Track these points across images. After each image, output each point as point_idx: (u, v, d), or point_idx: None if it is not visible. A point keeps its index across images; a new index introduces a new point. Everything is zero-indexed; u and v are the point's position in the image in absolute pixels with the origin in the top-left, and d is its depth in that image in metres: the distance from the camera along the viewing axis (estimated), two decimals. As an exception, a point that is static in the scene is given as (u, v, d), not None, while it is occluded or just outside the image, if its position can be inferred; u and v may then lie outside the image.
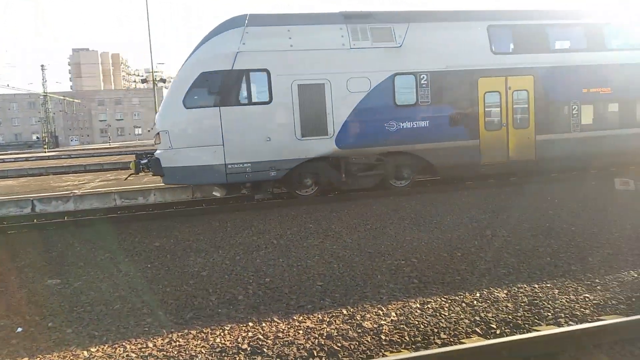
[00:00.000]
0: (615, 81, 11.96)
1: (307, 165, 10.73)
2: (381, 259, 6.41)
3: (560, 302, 4.69)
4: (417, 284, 5.42)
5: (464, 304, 4.77)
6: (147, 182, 14.21)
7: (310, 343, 4.07)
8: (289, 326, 4.45)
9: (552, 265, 5.80)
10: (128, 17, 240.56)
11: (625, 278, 5.24)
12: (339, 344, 4.03)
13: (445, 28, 11.33)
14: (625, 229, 7.20)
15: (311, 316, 4.66)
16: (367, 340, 4.09)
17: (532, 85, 11.53)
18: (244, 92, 10.22)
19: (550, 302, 4.69)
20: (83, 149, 59.72)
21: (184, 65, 10.38)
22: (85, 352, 4.10)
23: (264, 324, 4.51)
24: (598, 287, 5.01)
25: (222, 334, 4.34)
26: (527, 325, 4.24)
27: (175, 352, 4.02)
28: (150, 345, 4.17)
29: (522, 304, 4.69)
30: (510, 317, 4.43)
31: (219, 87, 10.07)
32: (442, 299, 4.94)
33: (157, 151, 10.51)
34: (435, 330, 4.24)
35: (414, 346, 3.98)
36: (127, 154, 34.60)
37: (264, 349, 3.99)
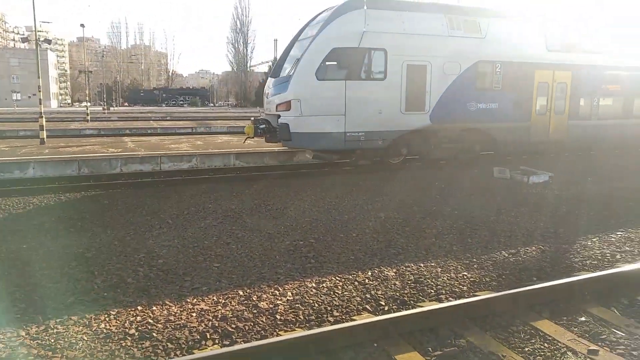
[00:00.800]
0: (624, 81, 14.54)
1: (406, 136, 11.86)
2: (280, 240, 6.45)
3: (442, 279, 5.08)
4: (314, 264, 5.54)
5: (356, 283, 4.97)
6: (24, 153, 12.87)
7: (204, 326, 4.00)
8: (181, 309, 4.32)
9: (436, 246, 6.25)
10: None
11: (497, 257, 5.81)
12: (234, 326, 4.00)
13: (515, 25, 13.03)
14: (500, 213, 7.97)
15: (206, 298, 4.57)
16: (263, 321, 4.11)
17: (570, 79, 13.72)
18: (365, 68, 11.26)
19: (433, 280, 5.06)
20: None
21: (315, 40, 10.99)
22: (-58, 344, 3.64)
23: (154, 308, 4.33)
24: (475, 266, 5.51)
25: (107, 319, 4.10)
26: (412, 302, 4.54)
27: (53, 341, 3.71)
28: (23, 333, 3.81)
29: (409, 282, 5.01)
30: (398, 294, 4.71)
31: (346, 62, 11.04)
32: (337, 278, 5.10)
33: (286, 117, 11.07)
34: (329, 308, 4.38)
35: (308, 324, 4.08)
36: None
37: (154, 334, 3.84)
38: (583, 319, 4.16)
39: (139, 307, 4.33)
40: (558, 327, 4.00)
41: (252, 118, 12.73)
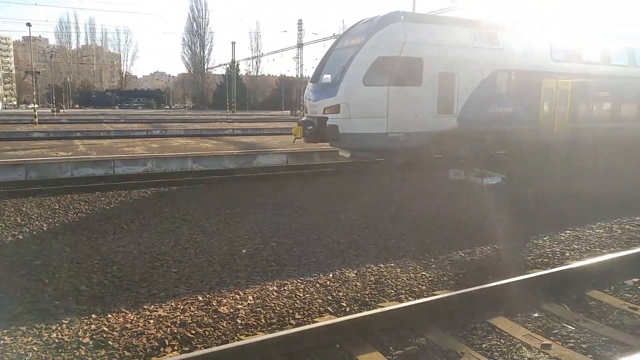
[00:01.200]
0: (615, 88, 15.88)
1: (437, 136, 12.71)
2: (240, 244, 6.37)
3: (402, 280, 5.16)
4: (275, 267, 5.50)
5: (318, 285, 4.98)
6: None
7: (162, 332, 3.89)
8: (138, 316, 4.19)
9: (395, 247, 6.34)
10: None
11: (454, 257, 5.95)
12: (193, 331, 3.92)
13: (525, 38, 14.27)
14: (456, 213, 8.18)
15: (164, 304, 4.44)
16: (223, 326, 4.04)
17: (570, 86, 14.97)
18: (404, 75, 12.16)
19: (393, 280, 5.13)
20: None
21: (361, 50, 11.87)
22: None
23: (109, 316, 4.17)
24: (433, 266, 5.62)
25: (59, 328, 3.92)
26: (373, 302, 4.58)
27: (0, 353, 3.51)
28: (-34, 346, 3.59)
29: (370, 283, 5.06)
30: (359, 295, 4.74)
31: (388, 70, 11.92)
32: (298, 280, 5.09)
33: (334, 119, 11.82)
34: (291, 311, 4.36)
35: (269, 328, 4.04)
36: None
37: (109, 342, 3.70)
38: (536, 315, 4.33)
39: (93, 315, 4.17)
40: (513, 324, 4.14)
41: (299, 120, 14.10)
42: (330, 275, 5.27)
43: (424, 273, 5.38)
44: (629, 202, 9.15)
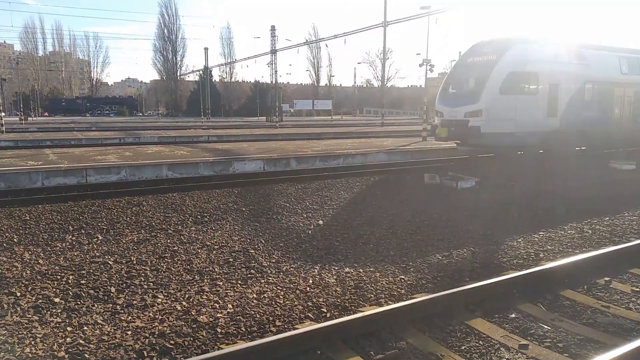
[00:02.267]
0: None
1: (546, 135, 15.62)
2: (219, 251, 6.31)
3: (381, 284, 5.20)
4: (255, 274, 5.47)
5: (298, 291, 4.97)
6: None
7: (140, 343, 3.82)
8: (115, 328, 4.10)
9: (374, 251, 6.39)
10: None
11: (432, 260, 6.03)
12: (172, 342, 3.86)
13: (603, 55, 17.35)
14: (432, 217, 8.29)
15: (141, 315, 4.37)
16: (203, 335, 4.00)
17: (633, 94, 18.40)
18: (526, 86, 15.36)
19: (372, 285, 5.16)
20: None
21: (496, 69, 14.85)
22: None
23: (85, 328, 4.07)
24: (411, 270, 5.68)
25: (32, 342, 3.80)
26: (353, 307, 4.60)
27: (-30, 370, 3.39)
28: None
29: (349, 288, 5.08)
30: (339, 300, 4.75)
31: (516, 82, 15.02)
32: (278, 287, 5.07)
33: (476, 122, 14.65)
34: (271, 318, 4.34)
35: (250, 336, 4.01)
36: None
37: (86, 355, 3.62)
38: (513, 315, 4.42)
39: (69, 328, 4.06)
40: (491, 325, 4.21)
41: (431, 123, 18.14)
42: (310, 281, 5.27)
43: (402, 277, 5.43)
44: (598, 202, 9.44)
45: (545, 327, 4.19)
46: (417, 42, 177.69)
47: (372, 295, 4.89)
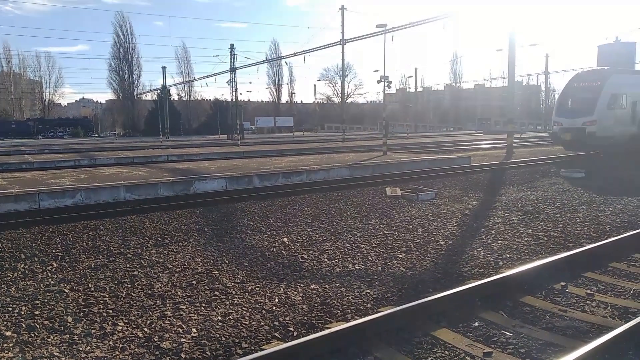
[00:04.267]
0: None
1: (630, 138, 21.49)
2: (181, 274, 6.17)
3: (347, 299, 5.21)
4: (219, 296, 5.37)
5: (264, 311, 4.90)
6: None
7: (100, 375, 3.66)
8: (73, 359, 3.92)
9: (339, 266, 6.40)
10: None
11: (396, 273, 6.09)
12: (134, 371, 3.72)
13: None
14: (395, 230, 8.40)
15: (101, 344, 4.20)
16: (166, 362, 3.87)
17: None
18: (619, 103, 21.30)
19: (339, 300, 5.16)
20: None
21: (603, 91, 21.00)
22: None
23: (40, 362, 3.87)
24: (376, 283, 5.72)
25: (-18, 381, 3.58)
26: (320, 324, 4.57)
27: None
28: None
29: (316, 305, 5.05)
30: (306, 318, 4.72)
31: (614, 100, 21.05)
32: (244, 308, 4.99)
33: (592, 129, 20.49)
34: (237, 340, 4.26)
35: (215, 360, 3.92)
36: None
37: (41, 391, 3.43)
38: (476, 324, 4.51)
39: (22, 364, 3.85)
40: (456, 334, 4.28)
41: (551, 131, 25.25)
42: (276, 300, 5.22)
43: (368, 291, 5.45)
44: (552, 209, 9.83)
45: (508, 333, 4.29)
46: (375, 59, 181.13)
47: (338, 311, 4.89)
